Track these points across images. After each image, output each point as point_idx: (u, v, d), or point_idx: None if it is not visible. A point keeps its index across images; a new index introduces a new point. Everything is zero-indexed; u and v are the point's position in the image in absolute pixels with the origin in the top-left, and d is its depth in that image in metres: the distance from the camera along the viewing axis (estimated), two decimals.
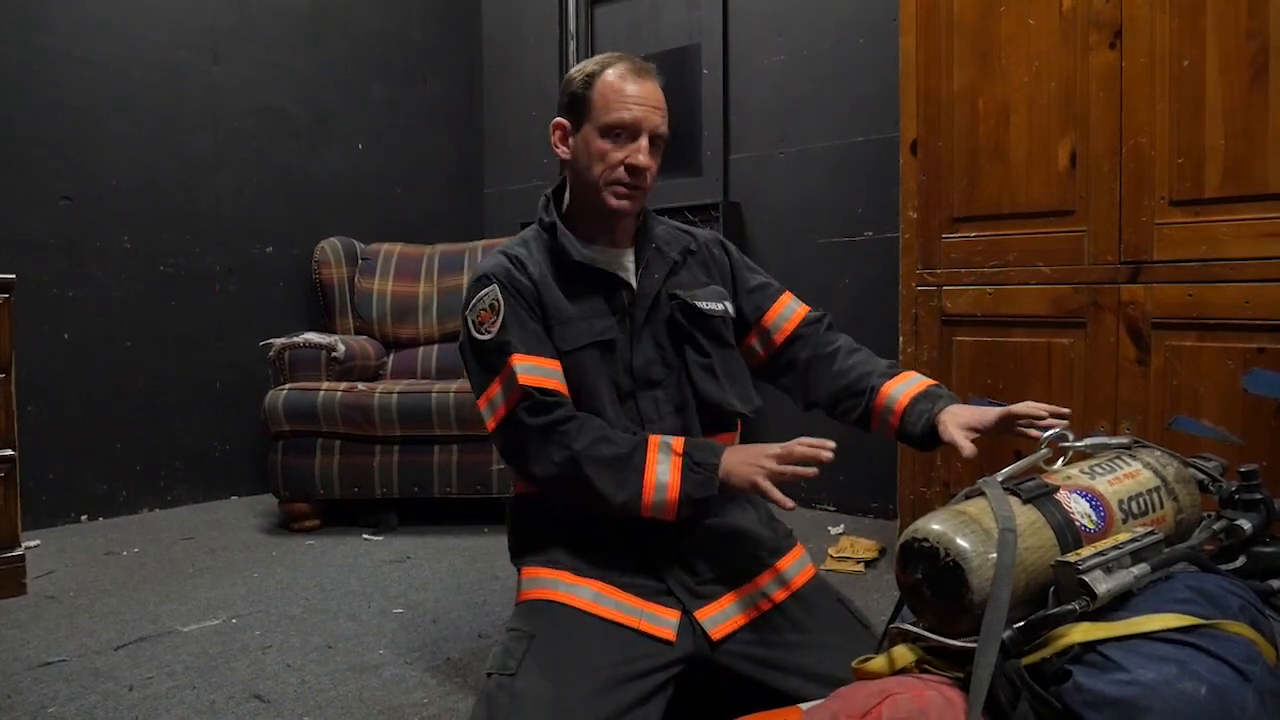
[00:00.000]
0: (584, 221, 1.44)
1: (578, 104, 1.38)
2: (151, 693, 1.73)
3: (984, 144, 2.21)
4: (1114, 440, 1.15)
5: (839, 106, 3.15)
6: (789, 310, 1.55)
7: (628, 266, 1.45)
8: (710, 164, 3.45)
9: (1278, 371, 1.76)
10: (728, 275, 1.55)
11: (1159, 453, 1.10)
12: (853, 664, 0.98)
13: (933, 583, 0.91)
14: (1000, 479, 1.02)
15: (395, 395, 2.87)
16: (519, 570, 1.44)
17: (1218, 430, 1.65)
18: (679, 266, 1.48)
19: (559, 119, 1.43)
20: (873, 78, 3.03)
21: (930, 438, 1.36)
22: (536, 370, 1.32)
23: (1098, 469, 1.06)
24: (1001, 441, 1.29)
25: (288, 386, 2.98)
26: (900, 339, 2.35)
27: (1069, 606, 0.87)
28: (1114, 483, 1.03)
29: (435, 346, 3.48)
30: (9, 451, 2.29)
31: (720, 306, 1.48)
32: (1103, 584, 0.87)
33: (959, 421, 1.30)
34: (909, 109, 2.34)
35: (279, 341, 3.09)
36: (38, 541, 2.80)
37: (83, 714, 1.64)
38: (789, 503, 1.20)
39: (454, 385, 2.92)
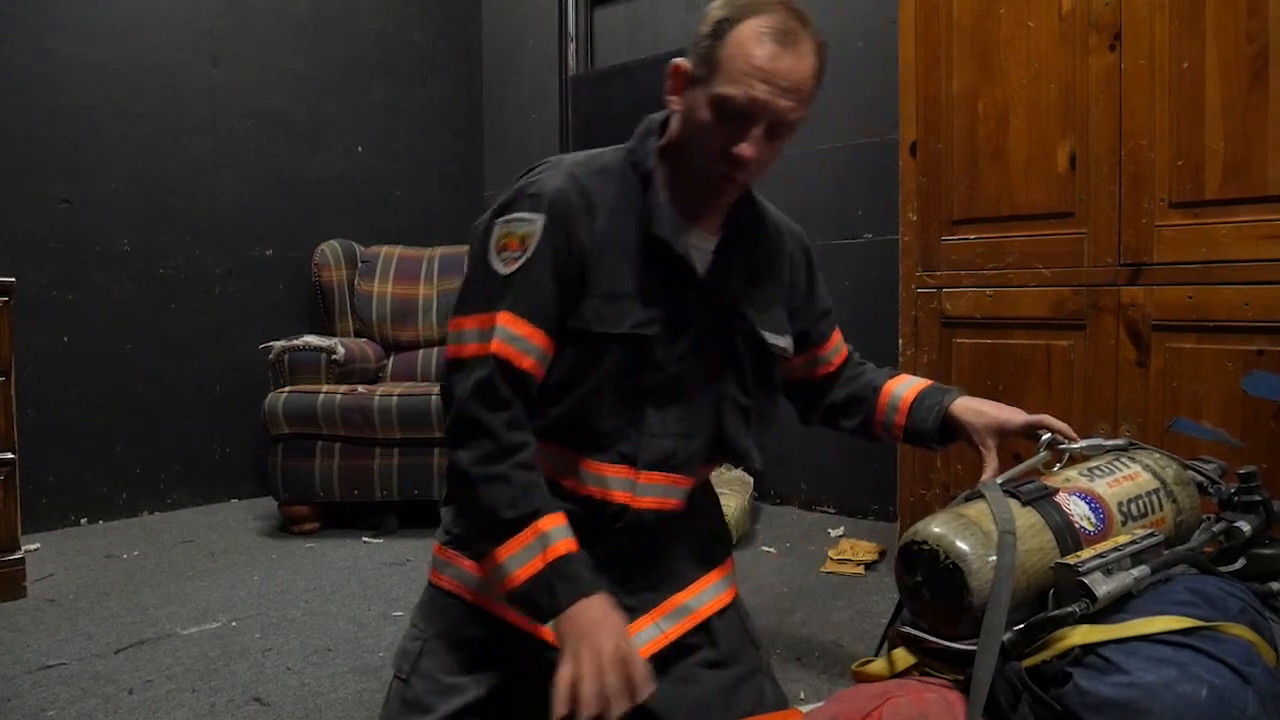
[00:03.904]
0: (677, 181, 1.20)
1: (703, 53, 1.10)
2: (151, 696, 1.73)
3: (983, 146, 2.21)
4: (1110, 443, 1.15)
5: (839, 108, 3.15)
6: (835, 350, 1.42)
7: (707, 253, 1.22)
8: None
9: (1277, 373, 1.76)
10: (802, 289, 1.35)
11: (1158, 454, 1.10)
12: (853, 666, 0.98)
13: (933, 585, 0.91)
14: (1000, 482, 1.02)
15: (395, 397, 2.87)
16: (435, 544, 1.31)
17: (1217, 432, 1.65)
18: (760, 274, 1.27)
19: (679, 61, 1.14)
20: (872, 80, 3.03)
21: (943, 431, 1.27)
22: (517, 341, 1.12)
23: (1097, 471, 1.05)
24: (1001, 444, 1.27)
25: (288, 389, 2.98)
26: (900, 341, 2.35)
27: (1069, 609, 0.87)
28: (1113, 485, 1.03)
29: (435, 349, 3.48)
30: (9, 455, 2.29)
31: (784, 342, 1.29)
32: (1102, 586, 0.87)
33: (987, 424, 1.22)
34: (908, 111, 2.34)
35: (279, 344, 3.09)
36: (37, 545, 2.80)
37: (83, 717, 1.64)
38: (559, 711, 0.98)
39: None
